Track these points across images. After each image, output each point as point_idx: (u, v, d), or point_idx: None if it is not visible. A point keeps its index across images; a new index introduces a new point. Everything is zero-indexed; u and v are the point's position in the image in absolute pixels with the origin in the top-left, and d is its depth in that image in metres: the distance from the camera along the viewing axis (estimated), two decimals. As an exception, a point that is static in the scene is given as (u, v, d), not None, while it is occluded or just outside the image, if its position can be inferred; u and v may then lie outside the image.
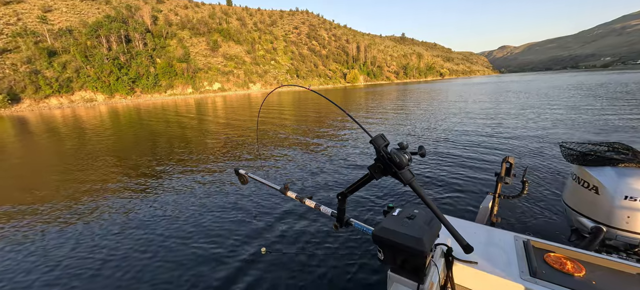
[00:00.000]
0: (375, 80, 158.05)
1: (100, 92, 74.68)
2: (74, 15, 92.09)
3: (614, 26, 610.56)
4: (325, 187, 6.31)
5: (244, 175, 2.24)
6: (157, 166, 8.81)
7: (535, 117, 14.63)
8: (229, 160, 9.07)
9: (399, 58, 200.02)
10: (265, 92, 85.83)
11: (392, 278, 1.44)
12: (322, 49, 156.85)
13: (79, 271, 3.83)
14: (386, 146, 1.22)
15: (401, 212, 1.50)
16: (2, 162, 11.18)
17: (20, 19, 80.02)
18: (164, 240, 4.39)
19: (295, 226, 4.58)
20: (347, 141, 10.83)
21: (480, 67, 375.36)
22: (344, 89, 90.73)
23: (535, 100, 22.79)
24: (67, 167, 9.43)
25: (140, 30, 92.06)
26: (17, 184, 8.19)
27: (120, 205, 5.92)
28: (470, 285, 1.63)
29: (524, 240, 1.81)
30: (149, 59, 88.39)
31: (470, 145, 9.47)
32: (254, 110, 27.00)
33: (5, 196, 7.06)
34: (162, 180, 7.35)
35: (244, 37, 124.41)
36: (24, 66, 67.14)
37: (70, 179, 8.14)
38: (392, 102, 28.54)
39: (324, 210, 1.76)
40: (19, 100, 61.99)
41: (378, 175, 1.27)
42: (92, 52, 78.38)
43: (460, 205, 5.18)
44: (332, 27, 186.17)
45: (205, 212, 5.32)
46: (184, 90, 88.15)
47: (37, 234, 4.91)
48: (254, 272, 3.55)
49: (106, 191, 6.84)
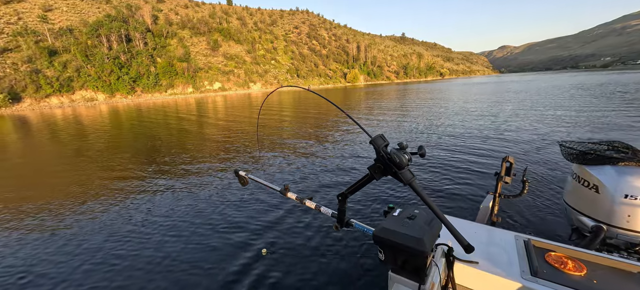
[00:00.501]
0: (376, 80, 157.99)
1: (101, 92, 74.70)
2: (74, 15, 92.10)
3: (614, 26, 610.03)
4: (325, 188, 6.29)
5: (244, 176, 2.23)
6: (156, 167, 8.71)
7: (535, 116, 14.63)
8: (229, 161, 9.00)
9: (399, 58, 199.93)
10: (265, 92, 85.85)
11: (392, 278, 1.43)
12: (322, 48, 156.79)
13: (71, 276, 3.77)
14: (386, 146, 1.22)
15: (402, 213, 1.50)
16: (17, 161, 11.21)
17: (21, 18, 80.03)
18: (162, 243, 4.32)
19: (296, 227, 4.57)
20: (347, 142, 10.80)
21: (480, 67, 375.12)
22: (344, 88, 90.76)
23: (535, 99, 22.77)
24: (54, 171, 9.31)
25: (140, 30, 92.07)
26: (19, 183, 8.22)
27: (116, 208, 5.81)
28: (471, 285, 1.64)
29: (524, 240, 1.81)
30: (149, 58, 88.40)
31: (469, 145, 9.49)
32: (254, 110, 26.98)
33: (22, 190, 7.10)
34: (160, 182, 7.27)
35: (244, 36, 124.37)
36: (24, 65, 67.17)
37: (52, 184, 8.12)
38: (391, 101, 28.57)
39: (324, 211, 1.76)
40: (20, 99, 62.04)
41: (378, 176, 1.27)
42: (92, 52, 78.39)
43: (461, 205, 5.16)
44: (332, 26, 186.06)
45: (204, 213, 5.28)
46: (184, 90, 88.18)
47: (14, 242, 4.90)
48: (255, 273, 3.55)
49: (97, 195, 6.64)
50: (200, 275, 3.57)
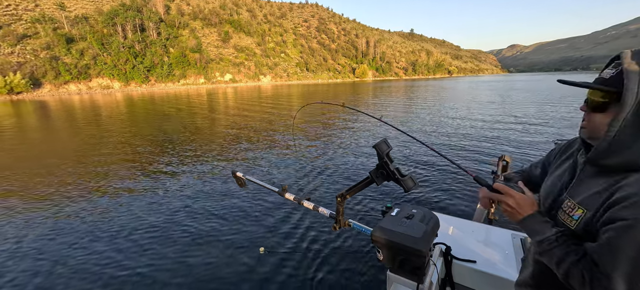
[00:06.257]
0: (384, 75, 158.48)
1: (117, 80, 76.87)
2: (89, 3, 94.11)
3: (628, 27, 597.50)
4: (323, 189, 6.18)
5: (242, 177, 2.22)
6: (155, 165, 8.35)
7: (534, 115, 14.91)
8: (228, 161, 8.61)
9: (408, 54, 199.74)
10: (275, 85, 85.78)
11: (391, 278, 1.44)
12: (331, 43, 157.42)
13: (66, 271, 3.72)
14: (389, 152, 1.23)
15: (399, 212, 1.51)
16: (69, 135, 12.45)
17: (38, 5, 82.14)
18: (158, 242, 4.28)
19: (294, 227, 4.51)
20: (347, 142, 10.43)
21: (488, 66, 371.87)
22: (352, 83, 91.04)
23: (536, 98, 23.10)
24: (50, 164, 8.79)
25: (154, 19, 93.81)
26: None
27: (113, 205, 5.63)
28: (469, 283, 1.69)
29: (521, 238, 1.88)
30: (162, 48, 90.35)
31: (468, 144, 9.55)
32: (263, 104, 25.70)
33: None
34: (158, 179, 7.07)
35: (254, 29, 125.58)
36: (44, 52, 69.34)
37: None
38: (399, 98, 28.94)
39: (322, 212, 1.76)
40: (40, 85, 64.35)
41: (379, 181, 1.29)
42: (108, 40, 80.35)
43: (458, 204, 5.21)
44: (342, 21, 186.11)
45: (201, 212, 5.18)
46: (196, 80, 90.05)
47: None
48: (252, 272, 3.53)
49: (94, 188, 6.47)
50: (198, 274, 3.54)
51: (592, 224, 0.81)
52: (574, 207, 0.87)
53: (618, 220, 0.73)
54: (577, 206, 0.86)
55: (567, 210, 0.89)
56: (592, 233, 0.82)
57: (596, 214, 0.81)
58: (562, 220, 0.91)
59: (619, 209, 0.74)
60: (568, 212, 0.89)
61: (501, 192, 0.96)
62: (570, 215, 0.88)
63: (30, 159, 9.60)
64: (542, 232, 0.88)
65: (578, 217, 0.86)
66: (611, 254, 0.72)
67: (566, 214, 0.90)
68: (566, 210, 0.90)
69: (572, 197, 0.90)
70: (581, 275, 0.77)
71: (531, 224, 0.91)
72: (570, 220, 0.88)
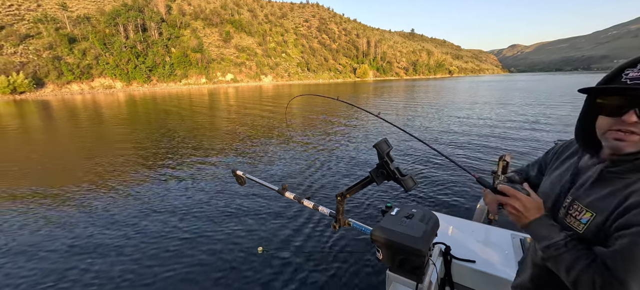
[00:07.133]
0: (385, 75, 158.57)
1: (119, 80, 77.19)
2: (91, 3, 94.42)
3: (629, 27, 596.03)
4: (323, 188, 6.18)
5: (242, 176, 2.23)
6: (155, 163, 8.37)
7: (534, 114, 14.99)
8: (228, 159, 8.61)
9: (409, 54, 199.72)
10: (276, 85, 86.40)
11: (390, 278, 1.45)
12: (332, 42, 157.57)
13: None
14: (389, 152, 1.23)
15: (399, 212, 1.51)
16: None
17: (40, 5, 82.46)
18: (158, 239, 4.29)
19: (294, 226, 4.51)
20: (347, 142, 10.37)
21: (489, 66, 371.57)
22: (353, 83, 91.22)
23: (537, 98, 23.25)
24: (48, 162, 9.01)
25: (156, 20, 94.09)
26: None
27: (112, 201, 5.70)
28: (468, 283, 1.69)
29: (521, 238, 1.87)
30: (164, 48, 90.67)
31: (468, 143, 9.57)
32: (264, 105, 26.11)
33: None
34: (157, 178, 7.06)
35: (255, 29, 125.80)
36: (46, 52, 69.66)
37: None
38: (399, 99, 29.18)
39: (322, 211, 1.76)
40: (43, 84, 64.67)
41: (380, 180, 1.29)
42: (110, 40, 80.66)
43: (457, 204, 5.20)
44: (342, 21, 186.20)
45: (200, 210, 5.19)
46: (198, 80, 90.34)
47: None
48: (251, 271, 3.53)
49: (91, 189, 6.44)
50: (196, 272, 3.55)
51: (604, 228, 0.79)
52: (581, 210, 0.85)
53: (634, 226, 0.71)
54: (585, 209, 0.84)
55: (574, 213, 0.87)
56: (602, 237, 0.79)
57: (609, 218, 0.78)
58: (568, 224, 0.88)
59: (636, 214, 0.72)
60: (575, 216, 0.86)
61: (507, 195, 0.92)
62: (577, 218, 0.85)
63: (30, 159, 9.69)
64: (550, 236, 0.84)
65: (586, 221, 0.83)
66: (626, 260, 0.71)
67: (573, 217, 0.87)
68: (573, 214, 0.87)
69: (578, 199, 0.87)
70: (592, 281, 0.75)
71: (538, 228, 0.87)
72: (578, 224, 0.85)
